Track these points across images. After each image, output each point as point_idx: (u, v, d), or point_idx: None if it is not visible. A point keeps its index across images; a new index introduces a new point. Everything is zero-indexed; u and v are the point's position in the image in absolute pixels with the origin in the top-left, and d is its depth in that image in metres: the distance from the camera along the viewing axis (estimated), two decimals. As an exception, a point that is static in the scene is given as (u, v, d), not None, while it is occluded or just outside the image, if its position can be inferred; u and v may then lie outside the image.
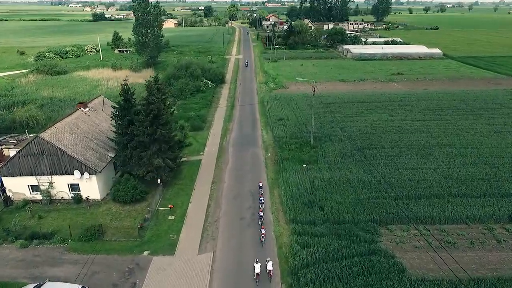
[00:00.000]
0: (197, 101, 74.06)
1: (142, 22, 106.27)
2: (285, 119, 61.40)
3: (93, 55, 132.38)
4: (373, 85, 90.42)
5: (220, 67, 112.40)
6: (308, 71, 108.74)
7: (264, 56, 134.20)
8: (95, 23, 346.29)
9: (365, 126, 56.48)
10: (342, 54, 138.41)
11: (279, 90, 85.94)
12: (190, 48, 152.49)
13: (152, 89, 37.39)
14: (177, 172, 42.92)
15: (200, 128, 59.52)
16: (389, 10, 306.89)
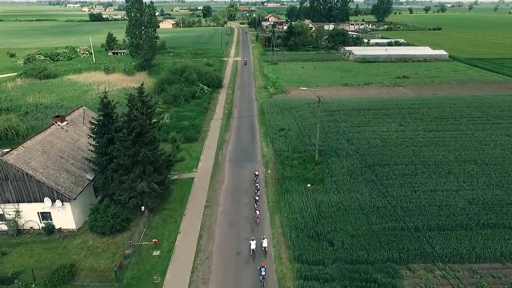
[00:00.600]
0: (192, 108, 69.20)
1: (135, 23, 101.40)
2: (287, 129, 56.56)
3: (85, 57, 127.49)
4: (378, 90, 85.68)
5: (218, 70, 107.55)
6: (309, 74, 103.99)
7: (264, 58, 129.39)
8: (92, 23, 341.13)
9: (374, 138, 51.64)
10: (344, 56, 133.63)
11: (280, 95, 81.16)
12: (187, 49, 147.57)
13: (134, 103, 32.49)
14: (166, 193, 38.09)
15: (194, 140, 54.67)
16: (390, 10, 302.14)
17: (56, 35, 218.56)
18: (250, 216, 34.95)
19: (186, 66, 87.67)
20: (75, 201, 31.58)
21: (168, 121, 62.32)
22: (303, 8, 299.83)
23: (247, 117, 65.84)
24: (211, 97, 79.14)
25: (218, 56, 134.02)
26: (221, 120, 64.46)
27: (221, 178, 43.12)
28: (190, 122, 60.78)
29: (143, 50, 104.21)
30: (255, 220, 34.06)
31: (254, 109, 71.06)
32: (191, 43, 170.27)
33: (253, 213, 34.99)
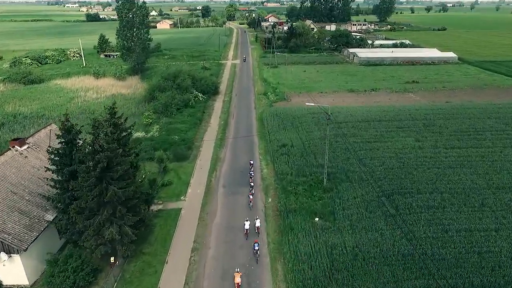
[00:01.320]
0: (184, 119, 62.76)
1: (126, 25, 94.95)
2: (289, 145, 50.15)
3: (76, 60, 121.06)
4: (387, 97, 79.32)
5: (215, 74, 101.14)
6: (311, 78, 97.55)
7: (263, 61, 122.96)
8: (88, 24, 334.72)
9: (389, 157, 45.25)
10: (348, 58, 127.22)
11: (281, 103, 74.74)
12: (183, 52, 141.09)
13: (101, 128, 26.01)
14: (146, 231, 31.76)
15: (184, 158, 48.27)
16: (392, 10, 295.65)
17: (50, 36, 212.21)
18: (247, 264, 28.58)
19: (179, 71, 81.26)
20: (26, 252, 25.22)
21: (157, 135, 55.93)
22: (304, 8, 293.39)
23: (245, 137, 59.46)
24: (206, 106, 72.69)
25: (216, 58, 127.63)
26: (216, 133, 58.03)
27: (213, 208, 36.72)
28: (181, 136, 54.34)
29: (135, 53, 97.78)
30: (248, 204, 36.96)
31: (253, 120, 64.64)
32: (188, 45, 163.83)
33: (251, 250, 30.36)
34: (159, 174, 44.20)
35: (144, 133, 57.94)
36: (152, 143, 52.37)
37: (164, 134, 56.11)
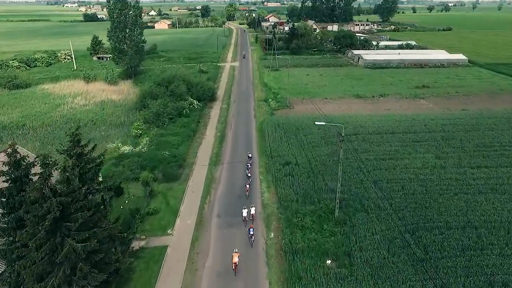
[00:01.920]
0: (177, 130, 56.97)
1: (118, 26, 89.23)
2: (293, 163, 44.41)
3: (67, 63, 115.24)
4: (397, 103, 73.54)
5: (212, 78, 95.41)
6: (315, 83, 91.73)
7: (264, 63, 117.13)
8: (85, 24, 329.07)
9: (408, 178, 39.51)
10: (352, 60, 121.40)
11: (283, 111, 69.01)
12: (180, 53, 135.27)
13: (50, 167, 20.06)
14: (122, 281, 26.04)
15: (174, 178, 42.53)
16: (395, 9, 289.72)
17: (45, 37, 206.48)
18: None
19: (174, 76, 75.59)
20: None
21: (145, 150, 50.16)
22: (305, 8, 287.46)
23: (238, 162, 53.66)
24: (201, 114, 66.90)
25: (214, 60, 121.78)
26: (211, 148, 52.26)
27: (205, 246, 30.98)
28: (172, 152, 48.55)
29: (127, 56, 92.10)
30: (245, 194, 38.91)
31: (253, 131, 58.81)
32: (185, 46, 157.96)
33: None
34: (145, 198, 38.50)
35: (132, 146, 52.24)
36: (140, 159, 46.63)
37: (154, 148, 50.34)
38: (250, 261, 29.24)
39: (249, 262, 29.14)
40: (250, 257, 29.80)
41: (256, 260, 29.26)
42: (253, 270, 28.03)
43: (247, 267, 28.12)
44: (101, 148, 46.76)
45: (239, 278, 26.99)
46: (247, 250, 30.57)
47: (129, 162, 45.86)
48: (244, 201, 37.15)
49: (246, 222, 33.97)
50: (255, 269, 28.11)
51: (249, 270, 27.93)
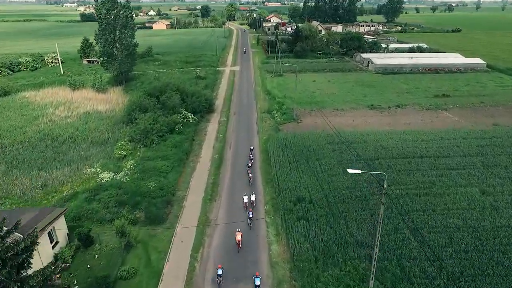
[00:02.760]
0: (167, 151, 48.58)
1: (106, 27, 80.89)
2: (307, 199, 36.09)
3: (54, 67, 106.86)
4: (417, 116, 65.27)
5: (210, 85, 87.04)
6: (323, 90, 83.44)
7: (266, 68, 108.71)
8: (82, 24, 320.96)
9: (454, 225, 31.16)
10: (361, 64, 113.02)
11: (289, 125, 60.76)
12: (177, 56, 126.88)
13: None
14: None
15: (159, 220, 34.21)
16: (401, 10, 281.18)
17: (38, 38, 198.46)
18: None
19: (166, 85, 67.24)
20: None
21: (127, 179, 41.82)
22: (307, 8, 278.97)
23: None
24: (197, 130, 58.51)
25: (213, 64, 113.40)
26: (207, 174, 43.93)
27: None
28: (159, 182, 40.23)
29: (117, 61, 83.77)
30: (248, 181, 41.23)
31: (256, 153, 50.38)
32: (183, 48, 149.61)
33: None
34: (120, 252, 30.19)
35: (113, 172, 43.93)
36: (120, 193, 38.39)
37: (138, 176, 42.01)
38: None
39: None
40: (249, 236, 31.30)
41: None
42: None
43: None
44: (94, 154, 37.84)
45: None
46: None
47: (107, 197, 37.59)
48: (245, 257, 28.91)
49: (246, 208, 35.59)
50: None
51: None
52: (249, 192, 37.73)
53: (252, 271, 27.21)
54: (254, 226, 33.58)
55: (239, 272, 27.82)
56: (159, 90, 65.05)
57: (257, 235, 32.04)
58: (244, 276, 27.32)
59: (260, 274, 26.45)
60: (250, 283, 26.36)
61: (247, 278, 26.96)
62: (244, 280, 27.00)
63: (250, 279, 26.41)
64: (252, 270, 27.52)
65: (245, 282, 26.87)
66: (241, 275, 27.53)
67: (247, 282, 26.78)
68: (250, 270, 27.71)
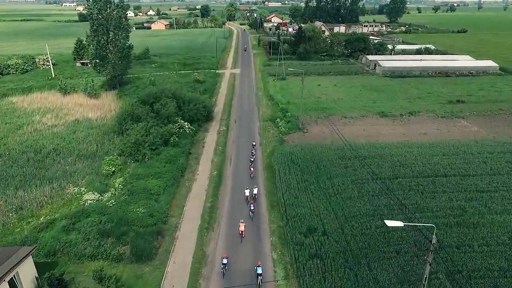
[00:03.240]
0: (160, 168, 43.51)
1: (98, 29, 75.88)
2: (319, 230, 31.06)
3: (46, 69, 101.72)
4: (433, 125, 60.31)
5: (209, 90, 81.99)
6: (329, 95, 78.45)
7: (268, 71, 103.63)
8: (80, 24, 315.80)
9: (498, 268, 26.13)
10: (367, 67, 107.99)
11: (295, 135, 55.75)
12: (175, 58, 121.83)
13: None
14: None
15: (148, 257, 29.16)
16: (404, 10, 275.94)
17: (34, 38, 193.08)
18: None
19: (162, 91, 62.14)
20: None
21: (113, 202, 36.76)
22: (309, 8, 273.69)
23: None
24: (193, 142, 53.45)
25: (212, 67, 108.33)
26: (204, 195, 38.89)
27: None
28: (149, 207, 35.16)
29: (110, 64, 78.76)
30: (250, 174, 42.86)
31: (259, 169, 45.32)
32: (182, 49, 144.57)
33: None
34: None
35: (99, 193, 38.93)
36: (103, 220, 33.38)
37: (125, 199, 36.94)
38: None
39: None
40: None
41: None
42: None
43: None
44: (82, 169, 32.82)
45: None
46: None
47: (88, 225, 32.59)
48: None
49: (248, 201, 36.21)
50: None
51: None
52: (251, 185, 38.99)
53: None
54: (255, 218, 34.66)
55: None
56: (154, 96, 59.97)
57: (262, 277, 26.85)
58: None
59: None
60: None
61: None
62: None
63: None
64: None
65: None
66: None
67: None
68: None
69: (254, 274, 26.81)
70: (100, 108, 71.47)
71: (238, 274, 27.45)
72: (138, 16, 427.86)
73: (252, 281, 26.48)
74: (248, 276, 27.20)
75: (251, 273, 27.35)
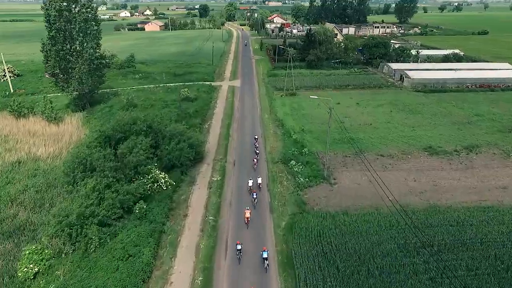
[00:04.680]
0: (109, 272, 26.51)
1: (57, 36, 58.99)
2: None
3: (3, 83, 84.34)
4: (509, 171, 43.35)
5: (202, 111, 65.05)
6: (354, 119, 61.66)
7: (274, 83, 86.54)
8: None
9: None
10: (391, 77, 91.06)
11: (319, 191, 38.95)
12: (164, 66, 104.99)
13: None
14: None
15: None
16: (415, 9, 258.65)
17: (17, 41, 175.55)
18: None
19: (134, 121, 44.89)
20: None
21: None
22: (314, 8, 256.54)
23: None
24: (172, 206, 36.32)
25: (207, 77, 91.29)
26: None
27: None
28: None
29: (75, 79, 61.91)
30: (253, 166, 44.53)
31: (272, 266, 28.25)
32: (175, 54, 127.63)
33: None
34: None
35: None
36: None
37: None
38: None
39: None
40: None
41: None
42: None
43: None
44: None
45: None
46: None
47: None
48: None
49: (251, 191, 37.58)
50: None
51: None
52: (254, 175, 40.42)
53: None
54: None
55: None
56: (122, 130, 43.01)
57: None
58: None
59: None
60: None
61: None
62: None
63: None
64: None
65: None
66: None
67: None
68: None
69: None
70: (58, 139, 54.67)
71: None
72: (135, 16, 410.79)
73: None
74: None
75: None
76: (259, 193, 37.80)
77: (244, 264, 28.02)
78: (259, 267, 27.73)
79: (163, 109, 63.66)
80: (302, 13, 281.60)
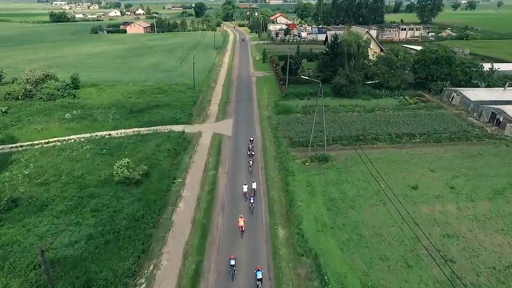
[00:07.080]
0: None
1: None
2: None
3: None
4: None
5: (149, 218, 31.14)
6: (456, 232, 27.53)
7: (286, 129, 52.42)
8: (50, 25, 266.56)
9: None
10: (468, 113, 57.23)
11: None
12: (123, 91, 71.30)
13: None
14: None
15: None
16: (440, 8, 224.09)
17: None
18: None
19: None
20: None
21: None
22: (323, 6, 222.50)
23: None
24: None
25: (182, 116, 57.60)
26: None
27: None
28: None
29: None
30: (248, 168, 41.55)
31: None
32: (145, 70, 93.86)
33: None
34: None
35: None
36: None
37: None
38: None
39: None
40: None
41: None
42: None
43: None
44: None
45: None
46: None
47: None
48: None
49: (246, 197, 35.73)
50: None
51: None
52: (249, 182, 37.46)
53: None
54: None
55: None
56: None
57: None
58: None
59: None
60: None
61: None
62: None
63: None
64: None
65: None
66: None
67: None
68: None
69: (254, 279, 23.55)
70: None
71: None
72: (126, 16, 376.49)
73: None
74: None
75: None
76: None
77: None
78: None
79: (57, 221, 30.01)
80: (308, 13, 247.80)
